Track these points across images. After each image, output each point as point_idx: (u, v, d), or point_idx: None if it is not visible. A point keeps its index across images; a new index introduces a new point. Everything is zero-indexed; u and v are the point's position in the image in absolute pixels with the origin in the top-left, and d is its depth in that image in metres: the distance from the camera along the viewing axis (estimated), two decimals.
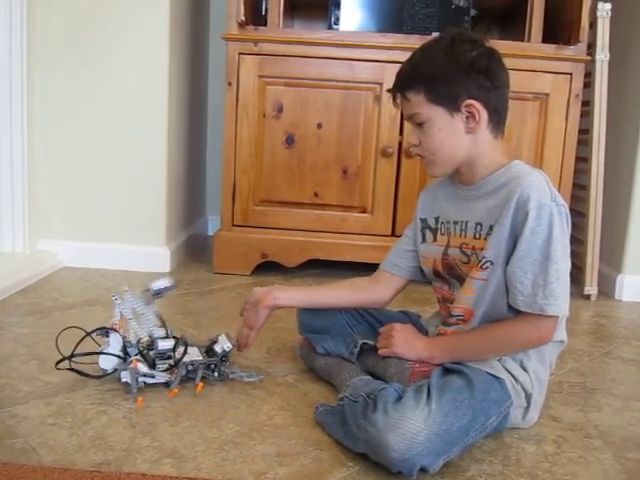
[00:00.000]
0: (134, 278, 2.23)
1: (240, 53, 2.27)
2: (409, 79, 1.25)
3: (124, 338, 1.41)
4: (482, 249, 1.24)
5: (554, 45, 2.28)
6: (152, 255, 2.34)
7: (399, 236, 1.45)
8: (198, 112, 2.84)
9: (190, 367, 1.41)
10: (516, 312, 1.23)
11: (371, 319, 1.51)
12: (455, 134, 1.24)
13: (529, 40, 2.40)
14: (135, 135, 2.30)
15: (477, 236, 1.27)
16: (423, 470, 1.08)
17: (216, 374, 1.44)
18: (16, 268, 2.14)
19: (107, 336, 1.40)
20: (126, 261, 2.32)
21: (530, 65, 2.26)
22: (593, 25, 2.31)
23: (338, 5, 2.38)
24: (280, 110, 2.29)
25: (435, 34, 2.34)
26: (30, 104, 2.23)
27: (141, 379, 1.37)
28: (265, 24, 2.42)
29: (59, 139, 2.31)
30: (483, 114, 1.23)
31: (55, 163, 2.32)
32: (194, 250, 2.69)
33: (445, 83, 1.21)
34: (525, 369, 1.27)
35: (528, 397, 1.27)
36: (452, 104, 1.22)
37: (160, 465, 1.11)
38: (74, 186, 2.33)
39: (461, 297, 1.29)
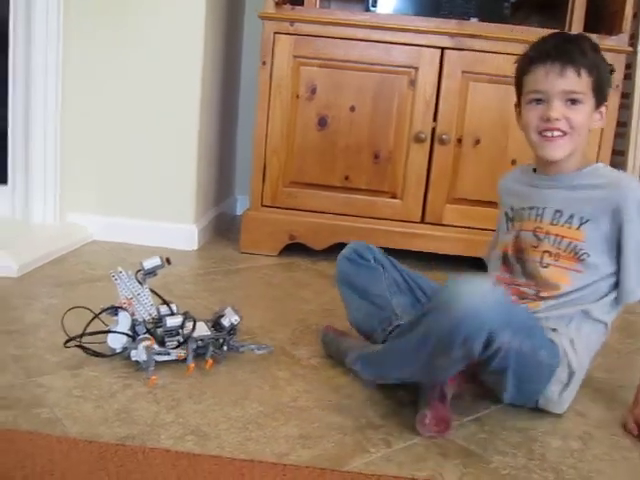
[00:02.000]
0: (162, 254, 2.22)
1: (276, 32, 2.25)
2: (590, 59, 1.30)
3: (132, 316, 1.40)
4: (558, 236, 1.31)
5: (595, 35, 2.22)
6: (180, 232, 2.35)
7: (428, 223, 1.45)
8: (231, 91, 2.83)
9: (199, 342, 1.40)
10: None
11: (414, 285, 1.50)
12: (589, 124, 1.32)
13: (570, 29, 2.35)
14: (167, 112, 2.30)
15: (554, 222, 1.33)
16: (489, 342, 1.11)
17: (225, 348, 1.43)
18: (46, 239, 2.15)
19: (116, 315, 1.39)
20: (154, 237, 2.32)
21: None
22: (637, 15, 2.26)
23: None
24: (313, 91, 2.28)
25: (474, 20, 2.31)
26: (65, 79, 2.24)
27: (155, 357, 1.36)
28: (302, 4, 2.40)
29: (92, 113, 2.31)
30: (605, 118, 1.36)
31: (87, 137, 2.32)
32: (222, 229, 2.70)
33: (604, 79, 1.32)
34: (574, 349, 1.29)
35: (570, 375, 1.28)
36: (600, 99, 1.32)
37: (183, 442, 1.11)
38: (106, 161, 2.34)
39: (552, 284, 1.32)
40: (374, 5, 2.37)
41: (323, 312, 1.79)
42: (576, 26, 2.34)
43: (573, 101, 1.28)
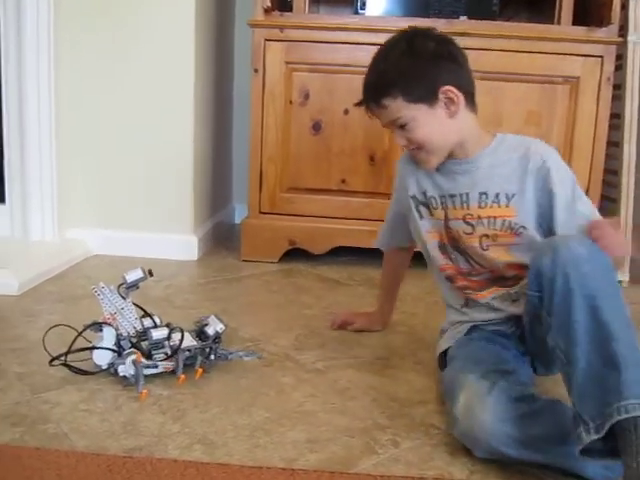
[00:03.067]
0: (162, 266, 2.23)
1: (266, 39, 2.25)
2: (382, 87, 1.28)
3: (116, 331, 1.38)
4: (490, 217, 1.30)
5: (585, 27, 2.23)
6: (180, 243, 2.35)
7: None
8: (224, 99, 2.84)
9: (187, 353, 1.38)
10: None
11: None
12: (440, 122, 1.28)
13: (559, 23, 2.35)
14: (162, 124, 2.30)
15: (482, 205, 1.31)
16: None
17: (212, 357, 1.42)
18: (46, 256, 2.15)
19: (100, 331, 1.37)
20: (154, 249, 2.32)
21: (560, 48, 2.22)
22: (625, 6, 2.26)
23: None
24: (306, 97, 2.28)
25: (463, 18, 2.31)
26: (58, 95, 2.24)
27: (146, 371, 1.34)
28: (291, 10, 2.41)
29: (86, 128, 2.32)
30: (460, 96, 1.27)
31: (83, 152, 2.33)
32: (221, 238, 2.70)
33: (418, 80, 1.26)
34: None
35: None
36: (430, 96, 1.26)
37: (191, 451, 1.11)
38: (102, 175, 2.34)
39: (498, 262, 1.31)
40: (362, 8, 2.37)
41: (325, 316, 1.79)
42: (565, 19, 2.35)
43: (401, 126, 1.29)
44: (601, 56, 2.22)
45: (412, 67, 1.27)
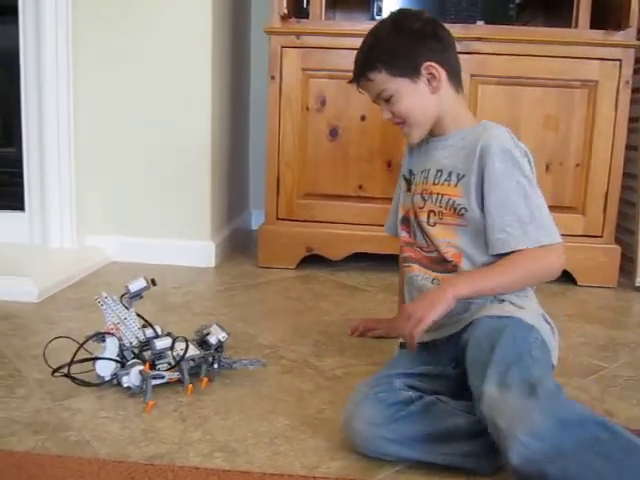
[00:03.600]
0: (181, 272, 2.25)
1: (283, 46, 2.26)
2: (368, 62, 1.34)
3: (120, 341, 1.37)
4: (439, 194, 1.33)
5: (602, 31, 2.22)
6: (197, 249, 2.36)
7: None
8: (240, 106, 2.85)
9: (192, 363, 1.37)
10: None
11: None
12: (422, 97, 1.34)
13: (576, 26, 2.34)
14: (179, 130, 2.31)
15: (435, 182, 1.35)
16: None
17: (216, 366, 1.41)
18: (65, 263, 2.17)
19: (103, 341, 1.37)
20: (172, 255, 2.34)
21: (577, 52, 2.21)
22: None
23: None
24: (323, 103, 2.28)
25: (479, 23, 2.30)
26: (76, 103, 2.26)
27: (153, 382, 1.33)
28: (307, 16, 2.41)
29: (104, 137, 2.33)
30: (442, 72, 1.33)
31: (101, 161, 2.34)
32: (238, 244, 2.70)
33: (402, 55, 1.32)
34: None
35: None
36: (413, 71, 1.32)
37: (212, 459, 1.11)
38: (120, 182, 2.36)
39: (441, 241, 1.33)
40: (379, 14, 2.37)
41: (344, 323, 1.79)
42: (582, 23, 2.33)
43: (387, 99, 1.35)
44: (619, 59, 2.20)
45: (397, 43, 1.33)
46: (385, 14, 2.36)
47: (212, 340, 1.43)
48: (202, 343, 1.44)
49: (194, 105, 2.30)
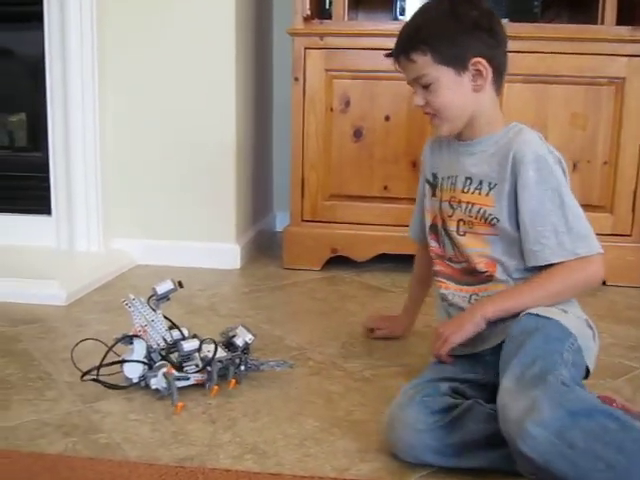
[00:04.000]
0: (206, 275, 2.25)
1: (306, 48, 2.26)
2: (414, 41, 1.26)
3: (147, 343, 1.37)
4: (469, 203, 1.28)
5: (629, 27, 2.19)
6: (222, 251, 2.36)
7: None
8: (264, 108, 2.85)
9: (219, 364, 1.36)
10: (539, 270, 1.23)
11: None
12: (463, 92, 1.26)
13: (602, 23, 2.31)
14: (204, 134, 2.32)
15: (465, 190, 1.30)
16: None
17: (242, 368, 1.40)
18: (92, 267, 2.18)
19: (131, 343, 1.36)
20: (197, 258, 2.34)
21: (604, 49, 2.19)
22: None
23: None
24: (347, 104, 2.28)
25: (504, 21, 2.28)
26: (102, 107, 2.28)
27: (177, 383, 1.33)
28: (330, 17, 2.41)
29: (130, 141, 2.35)
30: (489, 71, 1.25)
31: (126, 165, 2.36)
32: (263, 246, 2.70)
33: (451, 43, 1.24)
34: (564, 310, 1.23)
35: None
36: (460, 63, 1.24)
37: (242, 461, 1.11)
38: (145, 186, 2.37)
39: (472, 251, 1.29)
40: (402, 14, 2.36)
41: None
42: (609, 19, 2.30)
43: (426, 85, 1.26)
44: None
45: (448, 29, 1.24)
46: (408, 14, 2.35)
47: (239, 342, 1.42)
48: (229, 345, 1.44)
49: (219, 108, 2.30)
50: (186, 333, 1.44)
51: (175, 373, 1.33)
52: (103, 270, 2.18)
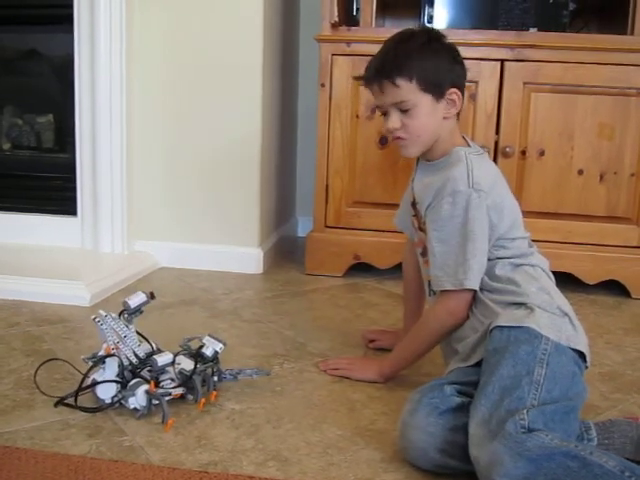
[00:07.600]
0: (229, 279, 2.26)
1: (333, 54, 2.26)
2: (400, 67, 1.31)
3: (120, 361, 1.31)
4: (418, 228, 1.43)
5: None
6: (245, 256, 2.37)
7: None
8: (289, 114, 2.85)
9: (197, 377, 1.32)
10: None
11: None
12: (436, 119, 1.34)
13: (632, 33, 2.29)
14: (229, 138, 2.33)
15: (414, 212, 1.45)
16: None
17: (216, 378, 1.35)
18: (116, 268, 2.19)
19: (103, 363, 1.31)
20: (220, 262, 2.35)
21: (633, 59, 2.16)
22: None
23: (431, 2, 2.34)
24: (373, 111, 2.27)
25: (532, 30, 2.27)
26: (129, 111, 2.30)
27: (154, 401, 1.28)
28: (357, 24, 2.41)
29: (155, 146, 2.36)
30: (461, 101, 1.35)
31: (151, 168, 2.37)
32: (285, 251, 2.70)
33: (435, 73, 1.32)
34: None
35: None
36: (439, 92, 1.32)
37: (265, 467, 1.11)
38: (170, 189, 2.38)
39: (426, 269, 1.41)
40: (430, 21, 2.36)
41: None
42: (638, 29, 2.28)
43: (405, 110, 1.32)
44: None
45: (432, 59, 1.32)
46: (436, 22, 2.35)
47: (208, 352, 1.35)
48: (197, 356, 1.36)
49: (244, 114, 2.31)
50: (154, 346, 1.38)
51: (158, 390, 1.28)
52: (127, 272, 2.19)
